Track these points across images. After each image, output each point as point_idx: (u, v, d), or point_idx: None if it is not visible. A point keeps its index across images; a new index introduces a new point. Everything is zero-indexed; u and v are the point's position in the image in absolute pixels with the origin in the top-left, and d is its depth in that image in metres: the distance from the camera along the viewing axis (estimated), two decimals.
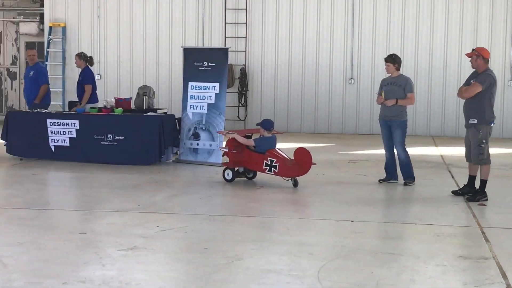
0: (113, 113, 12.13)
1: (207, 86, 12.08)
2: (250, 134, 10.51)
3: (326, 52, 17.94)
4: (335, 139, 16.73)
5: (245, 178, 10.33)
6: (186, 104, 12.25)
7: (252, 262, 6.00)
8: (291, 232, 7.18)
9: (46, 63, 18.97)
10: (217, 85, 12.03)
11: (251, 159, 10.07)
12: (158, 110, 12.80)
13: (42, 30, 19.52)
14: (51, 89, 14.85)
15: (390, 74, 10.24)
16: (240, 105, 17.99)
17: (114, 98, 13.08)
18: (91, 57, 12.99)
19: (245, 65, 18.02)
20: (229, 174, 10.13)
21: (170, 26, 18.41)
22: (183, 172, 11.16)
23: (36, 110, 12.47)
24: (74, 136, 11.91)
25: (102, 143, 11.78)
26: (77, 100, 12.87)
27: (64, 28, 18.81)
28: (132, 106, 12.97)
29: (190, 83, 12.24)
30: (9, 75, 20.94)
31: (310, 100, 18.03)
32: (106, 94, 18.10)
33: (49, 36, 18.87)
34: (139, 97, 12.90)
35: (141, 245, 6.46)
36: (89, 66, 12.82)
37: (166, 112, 13.12)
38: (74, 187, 10.18)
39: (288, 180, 9.93)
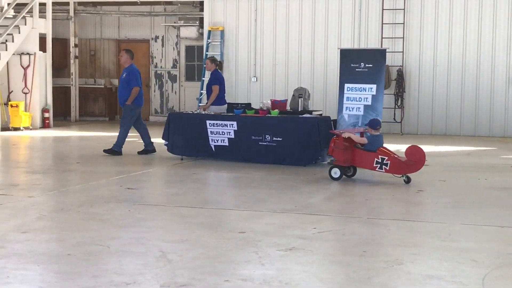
0: (269, 115, 12.28)
1: (363, 88, 11.98)
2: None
3: (487, 51, 17.28)
4: (497, 142, 16.09)
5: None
6: (342, 106, 12.21)
7: (413, 267, 5.86)
8: (453, 237, 6.95)
9: (204, 66, 19.52)
10: (374, 86, 11.91)
11: (361, 157, 10.23)
12: (313, 112, 12.84)
13: (202, 34, 20.12)
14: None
15: None
16: (397, 106, 17.69)
17: (270, 100, 13.24)
18: (220, 62, 13.82)
19: (402, 66, 17.70)
20: (336, 173, 10.27)
21: (326, 27, 18.42)
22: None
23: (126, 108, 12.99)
24: (233, 136, 12.18)
25: (260, 143, 11.98)
26: (236, 102, 13.18)
27: (222, 32, 19.28)
28: (288, 107, 13.08)
29: (346, 85, 12.19)
30: (169, 78, 21.73)
31: (470, 101, 17.44)
32: (262, 96, 18.37)
33: (208, 40, 19.41)
34: (294, 99, 12.99)
35: (299, 246, 6.47)
36: (219, 70, 13.35)
37: (321, 114, 13.13)
38: (232, 187, 10.39)
39: (400, 177, 9.99)
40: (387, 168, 9.97)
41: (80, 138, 17.02)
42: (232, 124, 12.19)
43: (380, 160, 9.99)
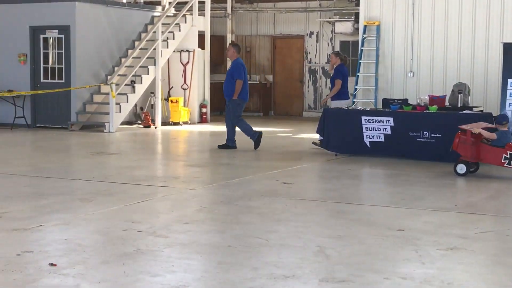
0: (427, 111, 12.00)
1: None
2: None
3: None
4: None
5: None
6: (504, 102, 11.74)
7: None
8: None
9: (360, 61, 19.36)
10: None
11: (488, 153, 10.14)
12: (473, 108, 12.42)
13: (357, 29, 19.96)
14: (364, 87, 15.15)
15: None
16: None
17: (428, 95, 12.95)
18: (345, 56, 14.17)
19: None
20: (462, 169, 10.15)
21: (488, 20, 17.73)
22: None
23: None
24: (389, 132, 12.00)
25: (418, 140, 11.73)
26: (392, 98, 13.02)
27: (378, 27, 19.01)
28: (446, 103, 12.73)
29: (510, 80, 11.72)
30: (323, 73, 21.74)
31: None
32: (419, 92, 17.95)
33: (363, 35, 19.19)
34: (453, 95, 12.63)
35: (460, 246, 6.27)
36: (343, 64, 13.64)
37: (482, 110, 12.68)
38: (388, 184, 10.23)
39: None
40: None
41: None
42: (389, 120, 12.01)
43: (508, 156, 9.89)
